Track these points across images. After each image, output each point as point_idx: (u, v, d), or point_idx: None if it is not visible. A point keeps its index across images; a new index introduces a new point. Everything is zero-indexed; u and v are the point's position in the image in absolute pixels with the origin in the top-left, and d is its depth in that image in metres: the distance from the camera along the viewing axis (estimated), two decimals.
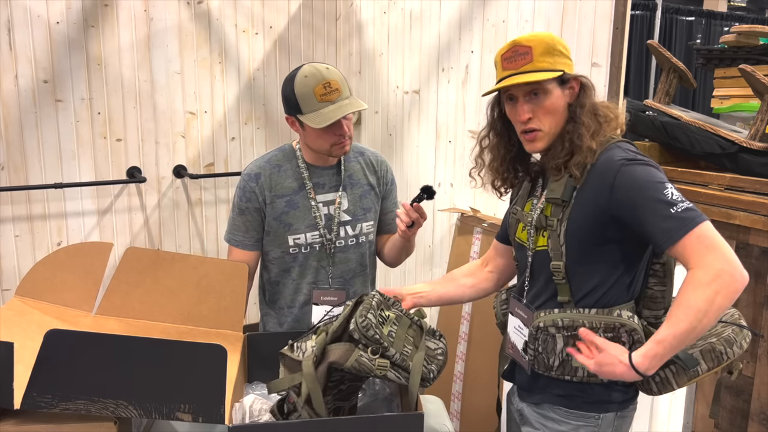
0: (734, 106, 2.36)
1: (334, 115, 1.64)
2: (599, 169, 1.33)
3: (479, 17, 2.67)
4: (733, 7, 7.84)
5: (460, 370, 2.77)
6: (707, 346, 1.33)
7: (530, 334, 1.39)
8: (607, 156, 1.33)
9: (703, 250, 1.18)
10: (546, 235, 1.40)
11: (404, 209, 1.66)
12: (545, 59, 1.35)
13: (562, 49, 1.38)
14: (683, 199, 1.24)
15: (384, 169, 1.94)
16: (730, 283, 1.17)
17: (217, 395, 1.25)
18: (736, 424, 1.92)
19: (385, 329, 1.38)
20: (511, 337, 1.52)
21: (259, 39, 3.34)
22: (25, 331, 1.47)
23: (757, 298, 1.84)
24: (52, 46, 2.82)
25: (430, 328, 1.56)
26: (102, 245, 1.72)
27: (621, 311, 1.34)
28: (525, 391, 1.50)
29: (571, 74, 1.38)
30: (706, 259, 1.18)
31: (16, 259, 2.87)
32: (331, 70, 1.69)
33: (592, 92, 1.40)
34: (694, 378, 1.33)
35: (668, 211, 1.21)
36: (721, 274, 1.17)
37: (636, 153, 1.34)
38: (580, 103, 1.37)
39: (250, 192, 1.80)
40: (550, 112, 1.37)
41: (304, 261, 1.82)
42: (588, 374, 1.36)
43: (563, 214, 1.36)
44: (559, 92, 1.37)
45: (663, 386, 1.36)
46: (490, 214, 2.71)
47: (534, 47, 1.35)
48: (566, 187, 1.35)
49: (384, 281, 3.54)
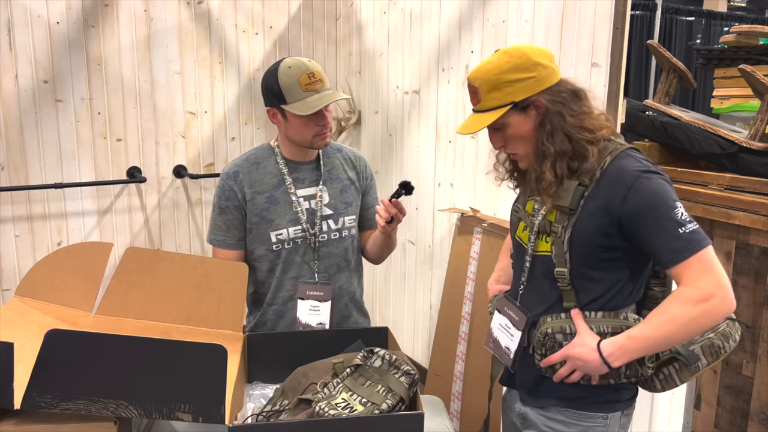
0: (734, 106, 2.36)
1: (320, 103, 1.67)
2: (611, 177, 1.31)
3: (479, 17, 2.67)
4: (733, 7, 7.84)
5: (460, 370, 2.77)
6: (706, 341, 1.35)
7: (537, 340, 1.39)
8: (620, 165, 1.31)
9: (700, 272, 1.23)
10: (549, 241, 1.38)
11: (383, 205, 1.67)
12: (492, 96, 1.35)
13: (514, 75, 1.33)
14: (691, 220, 1.25)
15: (363, 164, 1.95)
16: (717, 307, 1.22)
17: (217, 395, 1.25)
18: (736, 424, 1.92)
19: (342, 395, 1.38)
20: (494, 333, 1.53)
21: (259, 39, 3.34)
22: (25, 331, 1.46)
23: (757, 298, 1.84)
24: (52, 46, 2.82)
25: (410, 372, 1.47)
26: (102, 245, 1.72)
27: (627, 314, 1.35)
28: (529, 396, 1.48)
29: (528, 98, 1.34)
30: (700, 281, 1.22)
31: (16, 259, 2.88)
32: (313, 63, 1.73)
33: (562, 108, 1.34)
34: (695, 373, 1.36)
35: (677, 232, 1.23)
36: (711, 298, 1.22)
37: (649, 163, 1.33)
38: (543, 125, 1.35)
39: (228, 190, 1.81)
40: (517, 139, 1.38)
41: (287, 257, 1.82)
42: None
43: (569, 221, 1.34)
44: (519, 119, 1.36)
45: (667, 383, 1.38)
46: (490, 214, 2.71)
47: (480, 87, 1.35)
48: (574, 194, 1.33)
49: (384, 281, 3.54)
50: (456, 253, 2.90)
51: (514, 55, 1.34)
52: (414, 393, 1.40)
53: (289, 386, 1.49)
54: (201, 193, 3.29)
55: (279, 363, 1.60)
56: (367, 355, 1.43)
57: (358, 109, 3.56)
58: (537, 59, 1.34)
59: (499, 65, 1.34)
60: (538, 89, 1.34)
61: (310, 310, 1.83)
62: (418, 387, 1.41)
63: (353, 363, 1.43)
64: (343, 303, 1.89)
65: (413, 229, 3.25)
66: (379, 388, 1.37)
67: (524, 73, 1.33)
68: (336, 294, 1.86)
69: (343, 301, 1.89)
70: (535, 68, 1.33)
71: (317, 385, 1.43)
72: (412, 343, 3.36)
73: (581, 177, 1.34)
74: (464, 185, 2.86)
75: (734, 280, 1.91)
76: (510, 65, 1.33)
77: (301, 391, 1.44)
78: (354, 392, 1.37)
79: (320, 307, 1.83)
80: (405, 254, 3.34)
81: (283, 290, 1.84)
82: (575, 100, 1.36)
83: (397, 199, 1.65)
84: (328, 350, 1.58)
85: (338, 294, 1.87)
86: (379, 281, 3.62)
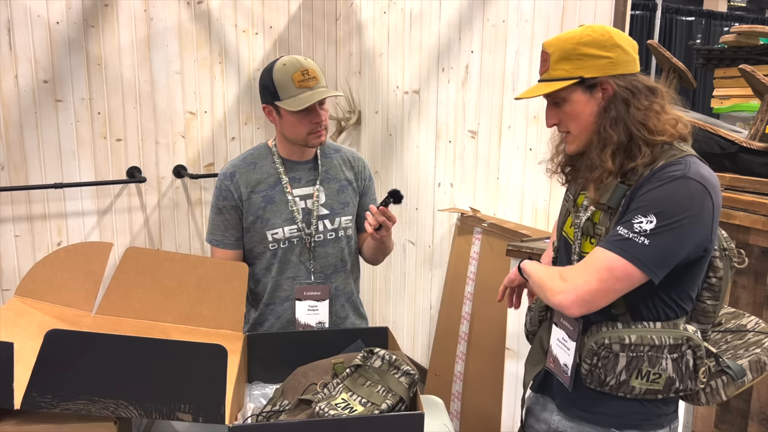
0: (734, 106, 2.36)
1: (311, 99, 1.67)
2: (655, 177, 1.23)
3: (479, 17, 2.67)
4: (733, 7, 7.84)
5: (460, 370, 2.77)
6: (754, 357, 1.30)
7: (589, 349, 1.29)
8: (668, 167, 1.23)
9: (584, 266, 1.24)
10: (594, 243, 1.31)
11: (371, 212, 1.65)
12: (561, 66, 1.28)
13: (589, 50, 1.26)
14: (652, 235, 1.18)
15: (361, 165, 1.95)
16: (558, 298, 1.26)
17: (217, 395, 1.25)
18: (736, 424, 1.92)
19: (343, 396, 1.38)
20: (553, 350, 1.42)
21: (259, 39, 3.34)
22: (25, 331, 1.46)
23: (757, 298, 1.84)
24: (52, 46, 2.82)
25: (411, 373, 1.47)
26: (102, 245, 1.72)
27: (685, 325, 1.28)
28: (568, 405, 1.40)
29: (598, 77, 1.27)
30: (579, 272, 1.24)
31: (16, 259, 2.88)
32: (308, 61, 1.73)
33: (631, 97, 1.26)
34: (741, 388, 1.31)
35: (623, 231, 1.21)
36: (565, 291, 1.24)
37: (701, 171, 1.22)
38: (608, 111, 1.27)
39: (225, 190, 1.81)
40: (573, 118, 1.30)
41: (283, 256, 1.82)
42: (645, 391, 1.28)
43: (611, 222, 1.27)
44: (582, 97, 1.28)
45: (712, 396, 1.32)
46: (490, 214, 2.71)
47: (551, 53, 1.29)
48: (615, 192, 1.26)
49: (384, 281, 3.54)
50: (456, 253, 2.90)
51: (597, 31, 1.27)
52: (414, 393, 1.39)
53: (289, 386, 1.49)
54: (201, 193, 3.29)
55: (279, 363, 1.60)
56: (367, 356, 1.43)
57: (358, 109, 3.56)
58: (619, 41, 1.27)
59: (579, 36, 1.27)
60: (611, 72, 1.26)
61: (308, 310, 1.83)
62: (418, 387, 1.41)
63: (353, 363, 1.43)
64: (340, 304, 1.89)
65: (413, 229, 3.25)
66: (379, 389, 1.37)
67: (602, 50, 1.26)
68: (332, 295, 1.86)
69: (340, 302, 1.89)
70: (614, 49, 1.26)
71: (317, 386, 1.43)
72: (412, 343, 3.36)
73: (627, 176, 1.27)
74: (464, 185, 2.86)
75: (734, 280, 1.91)
76: (589, 39, 1.26)
77: (301, 391, 1.44)
78: (354, 392, 1.37)
79: (318, 307, 1.83)
80: (405, 254, 3.34)
81: (281, 290, 1.84)
82: (647, 95, 1.27)
83: (385, 206, 1.64)
84: (328, 350, 1.58)
85: (335, 295, 1.87)
86: (379, 281, 3.62)
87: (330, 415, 1.30)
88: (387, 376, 1.39)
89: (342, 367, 1.45)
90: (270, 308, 1.86)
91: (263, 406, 1.47)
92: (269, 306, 1.86)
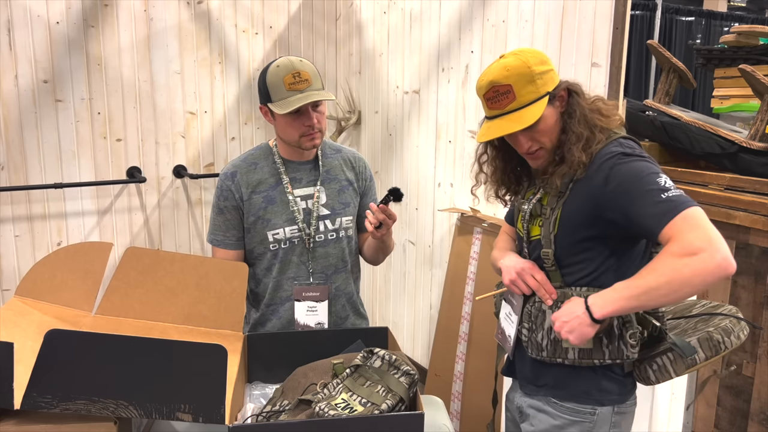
0: (734, 106, 2.36)
1: (299, 102, 1.67)
2: (597, 162, 1.34)
3: (479, 17, 2.67)
4: (733, 7, 7.83)
5: (460, 370, 2.77)
6: (704, 334, 1.34)
7: (526, 312, 1.43)
8: (606, 150, 1.34)
9: (686, 229, 1.16)
10: (539, 224, 1.43)
11: (371, 210, 1.66)
12: (528, 90, 1.34)
13: (540, 68, 1.35)
14: (676, 187, 1.24)
15: (362, 165, 1.95)
16: (707, 262, 1.13)
17: (217, 395, 1.25)
18: (736, 424, 1.92)
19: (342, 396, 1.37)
20: (501, 323, 1.57)
21: (259, 39, 3.34)
22: (25, 331, 1.46)
23: (757, 297, 1.84)
24: (52, 46, 2.82)
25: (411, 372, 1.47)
26: (102, 245, 1.72)
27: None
28: (525, 383, 1.51)
29: (556, 88, 1.37)
30: (685, 236, 1.16)
31: (16, 259, 2.87)
32: (303, 63, 1.72)
33: (580, 95, 1.39)
34: (692, 366, 1.34)
35: (660, 197, 1.22)
36: (699, 252, 1.14)
37: (634, 149, 1.34)
38: (570, 111, 1.38)
39: (226, 191, 1.82)
40: (546, 133, 1.38)
41: (284, 257, 1.82)
42: (578, 356, 1.36)
43: (557, 202, 1.38)
44: (549, 111, 1.36)
45: (661, 374, 1.36)
46: (490, 214, 2.71)
47: (513, 84, 1.33)
48: (564, 178, 1.37)
49: (384, 281, 3.54)
50: (456, 253, 2.90)
51: (525, 53, 1.37)
52: (414, 393, 1.39)
53: (289, 386, 1.49)
54: (201, 193, 3.29)
55: (279, 363, 1.60)
56: (366, 356, 1.43)
57: (358, 109, 3.56)
58: (544, 56, 1.38)
59: (524, 60, 1.34)
60: (557, 80, 1.38)
61: (307, 311, 1.83)
62: (418, 387, 1.41)
63: (353, 363, 1.43)
64: (340, 304, 1.89)
65: (413, 229, 3.25)
66: (378, 389, 1.37)
67: (545, 65, 1.37)
68: (333, 295, 1.86)
69: (340, 303, 1.89)
70: (549, 62, 1.38)
71: (317, 386, 1.44)
72: (412, 343, 3.36)
73: (555, 179, 1.37)
74: (464, 185, 2.86)
75: (734, 280, 1.91)
76: (533, 59, 1.35)
77: (301, 392, 1.44)
78: (354, 392, 1.37)
79: (317, 308, 1.83)
80: (405, 254, 3.34)
81: (282, 290, 1.84)
82: (581, 91, 1.41)
83: (385, 204, 1.64)
84: (328, 350, 1.58)
85: (335, 295, 1.87)
86: (379, 281, 3.62)
87: (330, 416, 1.30)
88: (387, 376, 1.39)
89: (342, 368, 1.45)
90: (271, 309, 1.86)
91: (263, 406, 1.47)
92: (270, 306, 1.86)
